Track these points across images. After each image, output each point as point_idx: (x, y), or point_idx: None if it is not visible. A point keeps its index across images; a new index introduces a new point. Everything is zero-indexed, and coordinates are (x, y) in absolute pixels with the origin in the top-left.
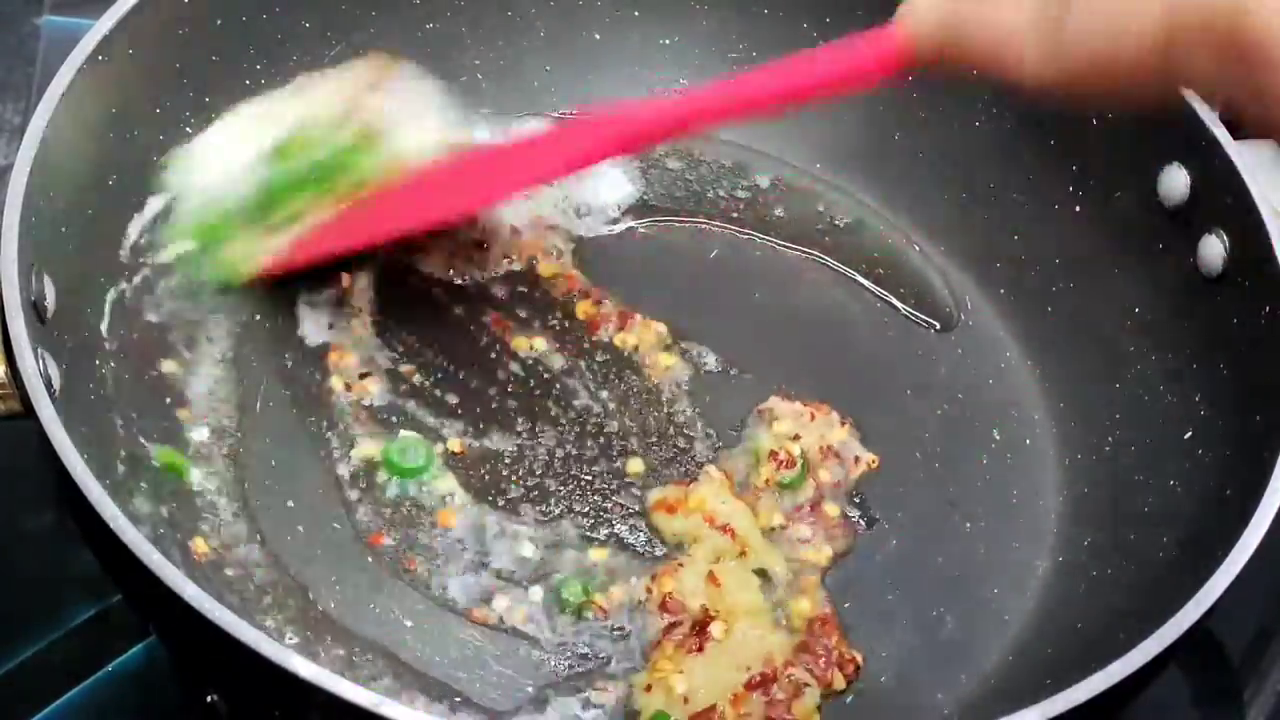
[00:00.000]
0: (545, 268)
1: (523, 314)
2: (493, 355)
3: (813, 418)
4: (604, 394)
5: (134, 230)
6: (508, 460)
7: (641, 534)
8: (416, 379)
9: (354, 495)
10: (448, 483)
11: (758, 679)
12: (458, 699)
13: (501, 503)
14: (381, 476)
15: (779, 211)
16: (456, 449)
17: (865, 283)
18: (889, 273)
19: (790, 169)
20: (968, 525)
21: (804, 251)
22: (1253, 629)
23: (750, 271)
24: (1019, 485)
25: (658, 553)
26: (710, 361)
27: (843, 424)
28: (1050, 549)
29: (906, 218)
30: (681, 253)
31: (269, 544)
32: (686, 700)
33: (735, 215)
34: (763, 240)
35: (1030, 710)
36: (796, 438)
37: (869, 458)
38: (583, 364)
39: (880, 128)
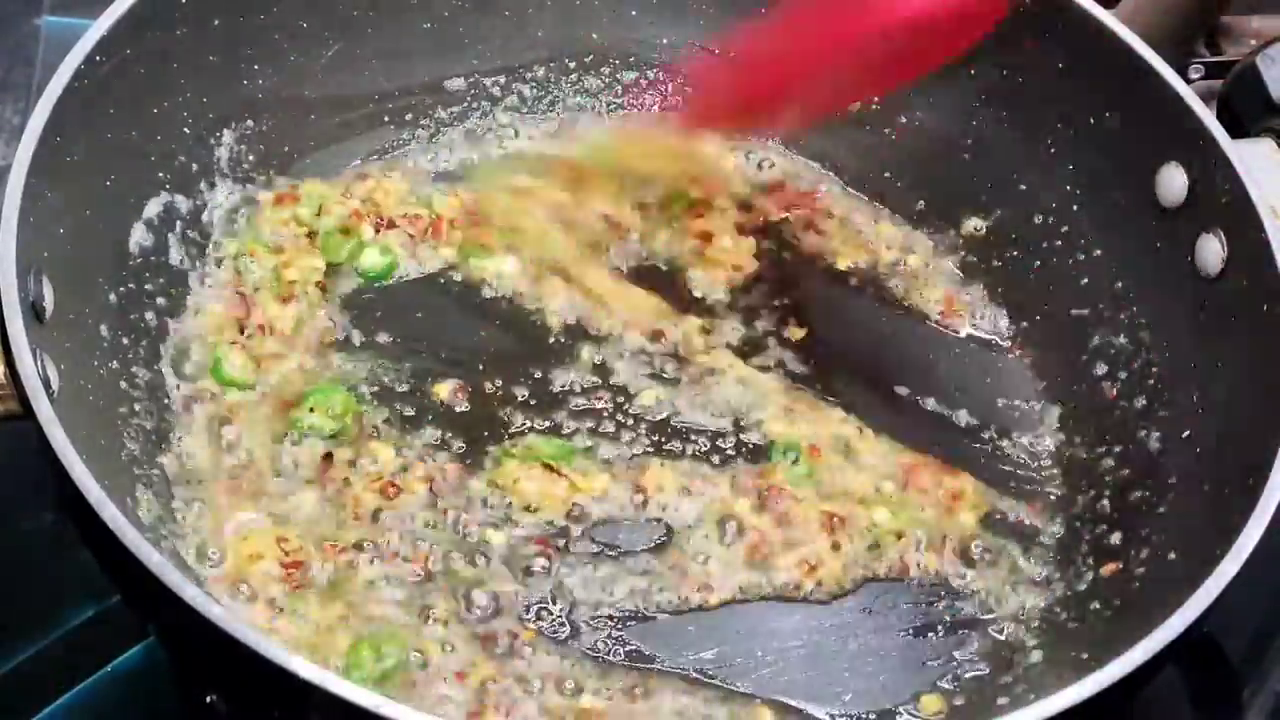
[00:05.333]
0: None
1: None
2: None
3: None
4: None
5: (133, 231)
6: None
7: None
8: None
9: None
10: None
11: None
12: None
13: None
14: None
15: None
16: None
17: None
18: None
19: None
20: None
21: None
22: (1252, 629)
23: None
24: (1017, 485)
25: None
26: None
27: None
28: (1049, 549)
29: (900, 216)
30: None
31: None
32: None
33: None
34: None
35: (1029, 709)
36: None
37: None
38: None
39: (876, 125)
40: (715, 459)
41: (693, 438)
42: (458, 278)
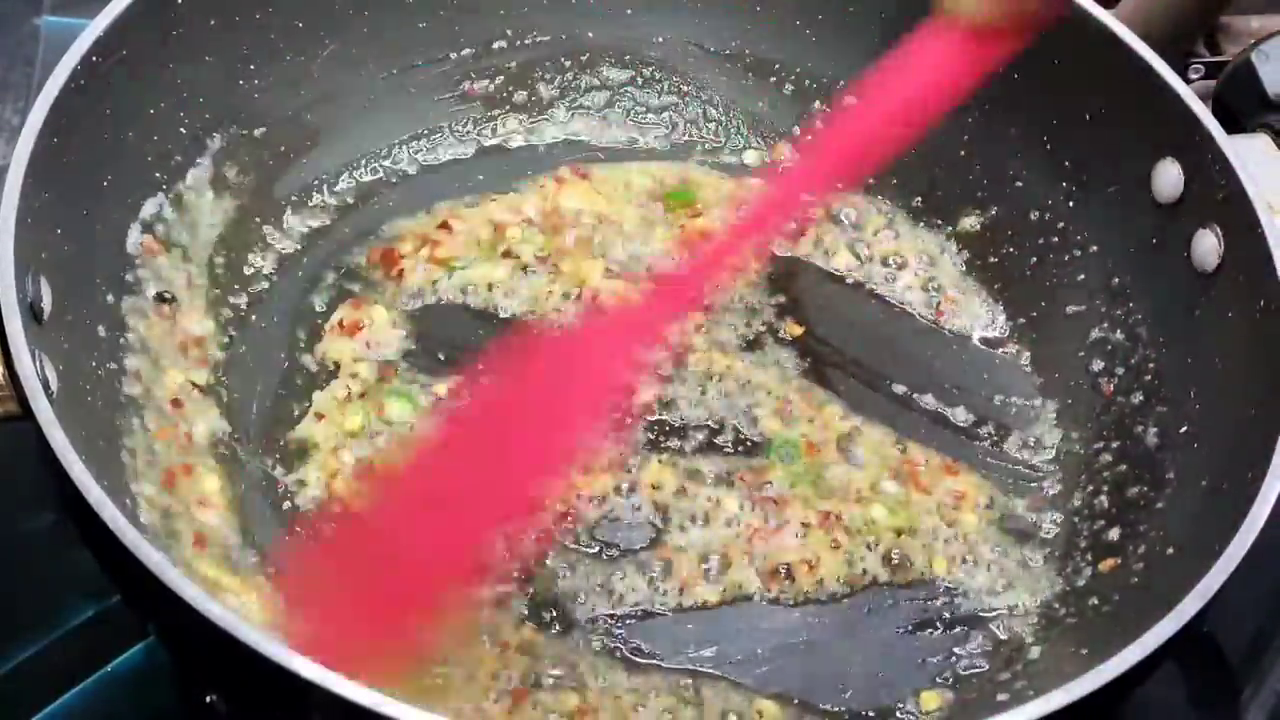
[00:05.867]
0: None
1: None
2: None
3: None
4: None
5: (130, 232)
6: None
7: None
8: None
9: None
10: None
11: None
12: None
13: None
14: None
15: None
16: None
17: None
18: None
19: None
20: None
21: None
22: (1252, 629)
23: None
24: (1015, 481)
25: None
26: None
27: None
28: (1048, 545)
29: (897, 213)
30: None
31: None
32: None
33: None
34: None
35: (1029, 706)
36: None
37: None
38: None
39: None
40: (713, 457)
41: (690, 435)
42: (452, 280)
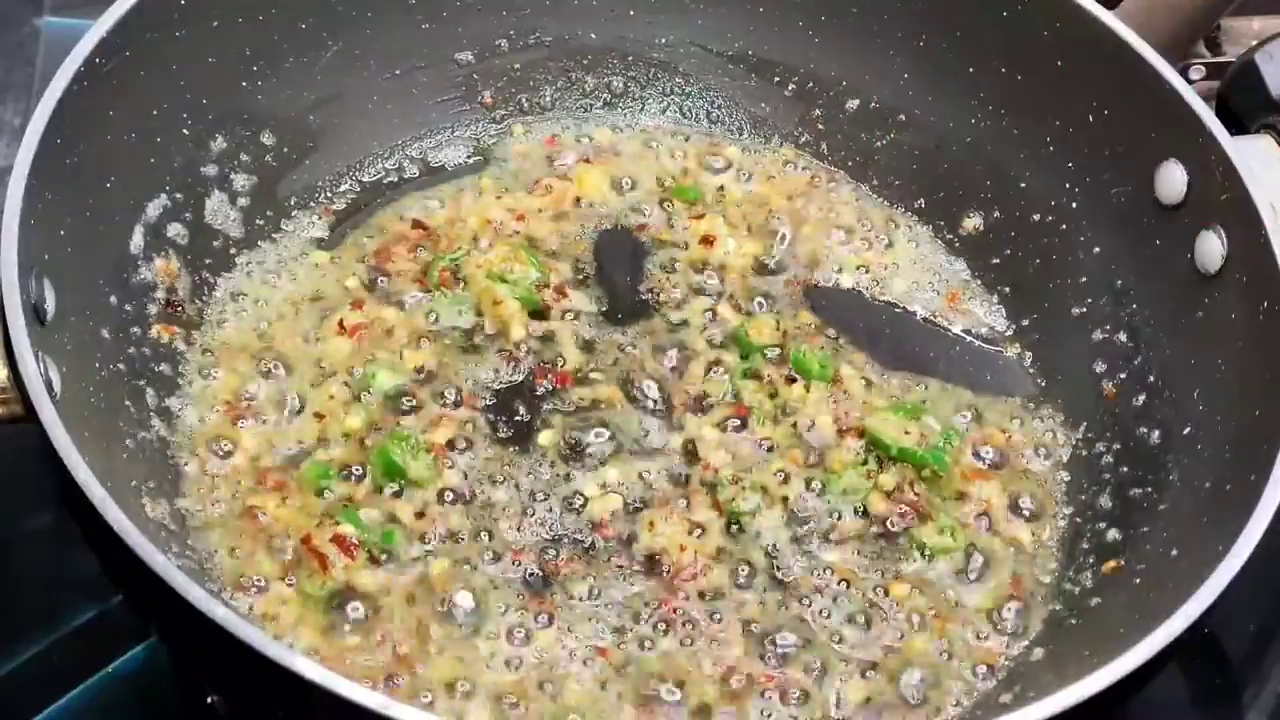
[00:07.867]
0: None
1: None
2: None
3: None
4: None
5: (133, 233)
6: None
7: None
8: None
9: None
10: None
11: None
12: None
13: None
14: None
15: None
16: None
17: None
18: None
19: None
20: None
21: None
22: (1253, 630)
23: None
24: (1019, 483)
25: None
26: None
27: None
28: (1050, 546)
29: (900, 214)
30: None
31: None
32: None
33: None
34: None
35: (1032, 708)
36: None
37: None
38: None
39: (876, 123)
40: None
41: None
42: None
